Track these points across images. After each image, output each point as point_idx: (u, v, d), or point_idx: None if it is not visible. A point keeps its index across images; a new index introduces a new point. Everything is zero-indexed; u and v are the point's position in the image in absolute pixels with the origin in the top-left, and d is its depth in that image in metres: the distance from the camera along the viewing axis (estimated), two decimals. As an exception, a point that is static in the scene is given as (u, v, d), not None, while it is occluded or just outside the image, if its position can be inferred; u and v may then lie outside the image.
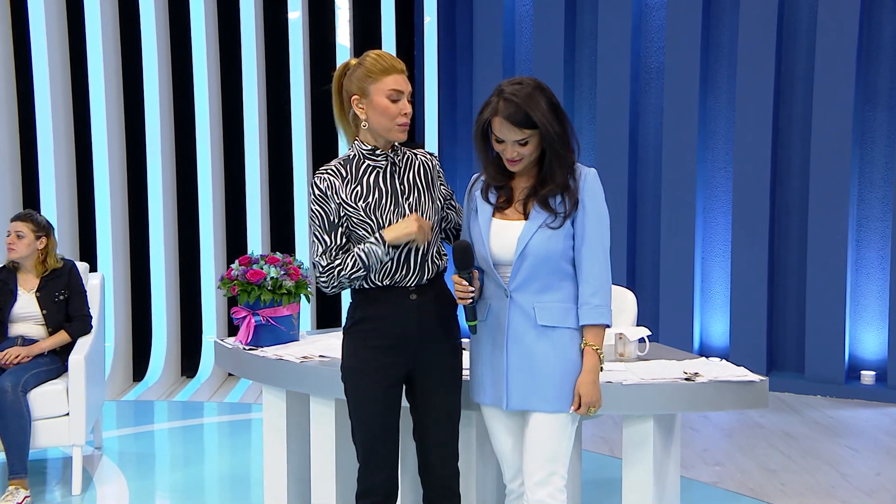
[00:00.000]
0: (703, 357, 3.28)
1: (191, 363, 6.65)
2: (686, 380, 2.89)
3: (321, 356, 3.26)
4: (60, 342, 4.26)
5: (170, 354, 6.56)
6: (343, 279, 2.58)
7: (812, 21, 5.95)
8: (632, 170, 6.36)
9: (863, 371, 5.91)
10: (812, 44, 5.93)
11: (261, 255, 3.52)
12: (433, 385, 2.66)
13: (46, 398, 4.08)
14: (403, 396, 2.72)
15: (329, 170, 2.63)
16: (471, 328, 2.58)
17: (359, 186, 2.61)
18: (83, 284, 4.39)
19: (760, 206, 6.00)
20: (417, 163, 2.69)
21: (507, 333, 2.52)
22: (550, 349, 2.49)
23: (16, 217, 4.30)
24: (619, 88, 6.28)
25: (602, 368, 2.52)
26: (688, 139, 6.16)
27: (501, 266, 2.53)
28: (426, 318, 2.63)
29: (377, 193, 2.61)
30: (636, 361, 3.17)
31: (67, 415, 4.12)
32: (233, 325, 6.40)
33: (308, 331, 3.80)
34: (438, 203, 2.70)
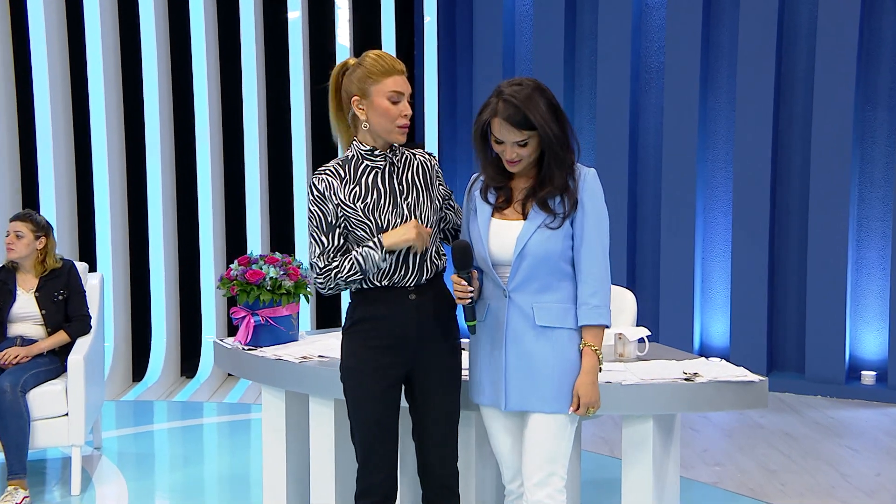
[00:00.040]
0: (703, 357, 3.28)
1: (190, 363, 6.64)
2: (685, 380, 2.89)
3: (320, 356, 3.25)
4: (59, 342, 4.25)
5: (169, 354, 6.56)
6: (340, 281, 2.58)
7: (812, 21, 5.95)
8: (632, 170, 6.36)
9: (863, 371, 5.91)
10: (812, 44, 5.93)
11: (260, 255, 3.51)
12: (432, 385, 2.66)
13: (45, 398, 4.07)
14: (403, 397, 2.71)
15: (327, 170, 2.63)
16: (470, 328, 2.58)
17: (357, 187, 2.60)
18: (82, 284, 4.38)
19: (760, 206, 6.00)
20: (416, 163, 2.69)
21: (506, 334, 2.51)
22: (549, 350, 2.48)
23: (15, 217, 4.30)
24: (619, 88, 6.28)
25: (601, 369, 2.52)
26: (688, 139, 6.15)
27: (500, 266, 2.52)
28: (425, 318, 2.62)
29: (376, 194, 2.60)
30: (636, 361, 3.17)
31: (66, 415, 4.12)
32: (232, 326, 6.39)
33: (307, 331, 3.80)
34: (437, 203, 2.69)
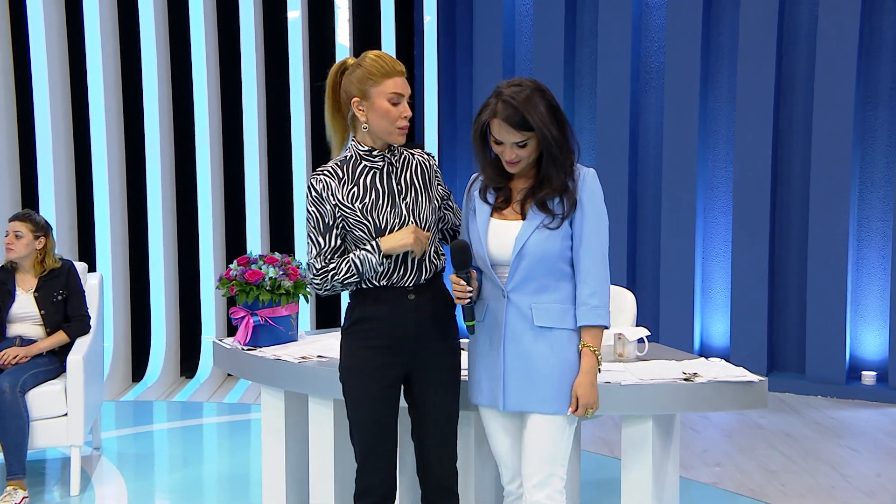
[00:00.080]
0: (703, 357, 3.28)
1: (190, 363, 6.64)
2: (685, 380, 2.88)
3: (319, 356, 3.25)
4: (59, 342, 4.25)
5: (169, 355, 6.55)
6: (336, 283, 2.58)
7: (813, 21, 5.94)
8: (632, 170, 6.35)
9: (863, 371, 5.90)
10: (813, 43, 5.92)
11: (259, 255, 3.51)
12: (431, 385, 2.65)
13: (45, 398, 4.07)
14: (402, 396, 2.71)
15: (325, 171, 2.62)
16: (469, 328, 2.57)
17: (355, 187, 2.60)
18: (82, 284, 4.38)
19: (761, 206, 5.99)
20: (415, 163, 2.68)
21: (505, 334, 2.51)
22: (548, 350, 2.48)
23: (14, 217, 4.29)
24: (619, 88, 6.27)
25: (600, 370, 2.51)
26: (688, 139, 6.15)
27: (499, 266, 2.52)
28: (424, 318, 2.62)
29: (374, 194, 2.60)
30: (635, 362, 3.16)
31: (66, 415, 4.11)
32: (232, 326, 6.38)
33: (307, 331, 3.79)
34: (436, 203, 2.69)
